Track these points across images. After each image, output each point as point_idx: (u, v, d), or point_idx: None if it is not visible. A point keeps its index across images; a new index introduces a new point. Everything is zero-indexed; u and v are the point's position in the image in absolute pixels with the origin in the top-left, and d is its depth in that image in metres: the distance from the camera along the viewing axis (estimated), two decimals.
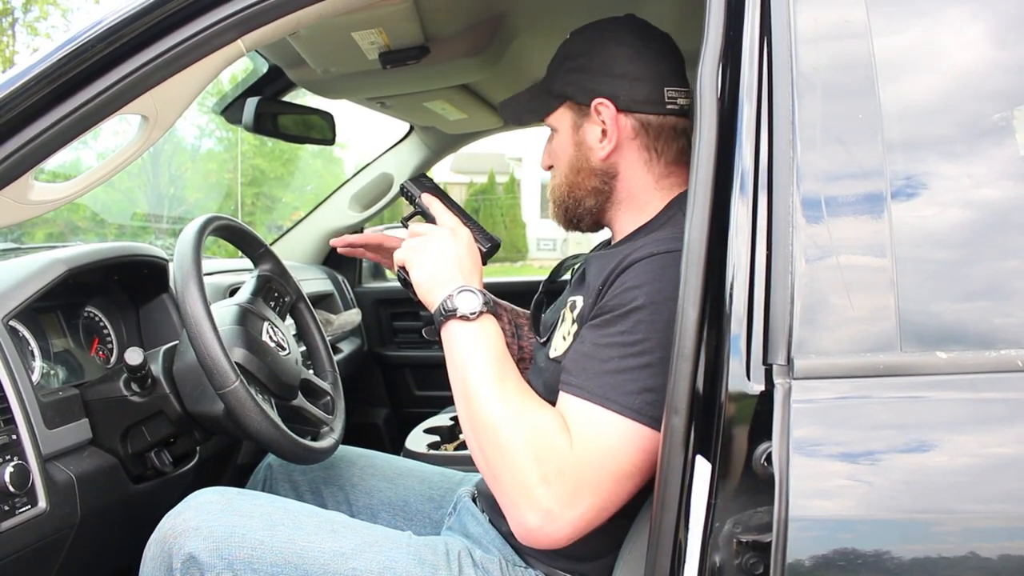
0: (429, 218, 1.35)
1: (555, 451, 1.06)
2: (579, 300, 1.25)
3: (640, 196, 1.32)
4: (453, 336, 1.17)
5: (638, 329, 1.10)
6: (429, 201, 1.35)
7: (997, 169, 0.90)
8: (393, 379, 3.15)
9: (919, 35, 0.94)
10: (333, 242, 1.60)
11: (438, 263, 1.22)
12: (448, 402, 2.71)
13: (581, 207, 1.34)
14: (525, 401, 1.12)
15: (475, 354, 1.15)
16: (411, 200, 1.40)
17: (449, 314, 1.17)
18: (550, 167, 1.38)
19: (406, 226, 1.37)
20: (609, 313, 1.13)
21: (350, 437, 1.66)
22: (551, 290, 1.50)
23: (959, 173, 0.90)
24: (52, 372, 1.54)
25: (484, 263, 1.31)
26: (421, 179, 1.42)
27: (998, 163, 0.91)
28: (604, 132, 1.28)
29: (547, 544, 1.07)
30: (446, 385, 1.20)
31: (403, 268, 1.27)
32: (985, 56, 0.93)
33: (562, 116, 1.32)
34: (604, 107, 1.27)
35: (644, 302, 1.10)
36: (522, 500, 1.06)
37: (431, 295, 1.21)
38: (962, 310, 0.87)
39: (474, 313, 1.16)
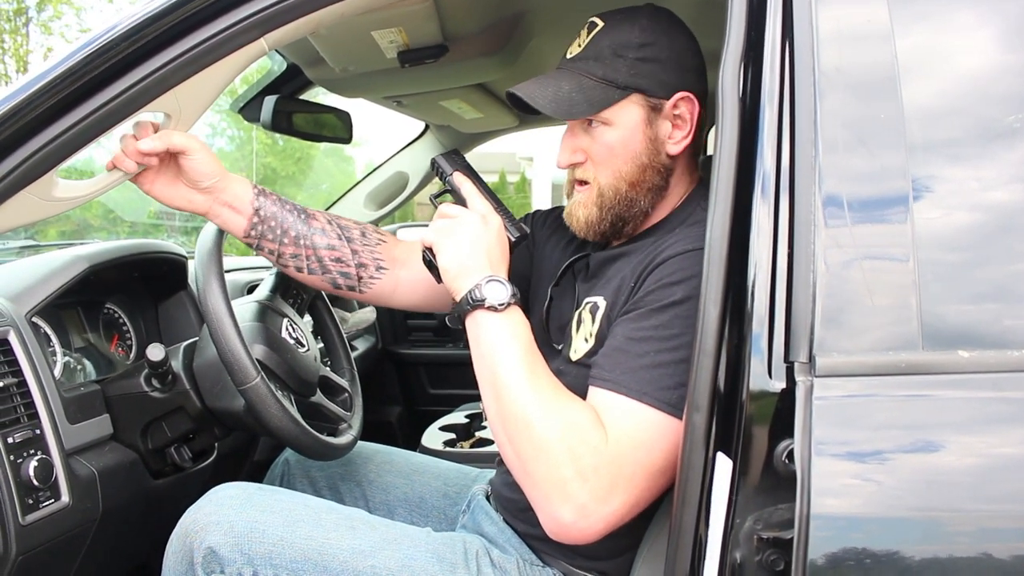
0: (459, 198, 1.30)
1: (590, 446, 1.05)
2: (600, 300, 1.24)
3: (674, 193, 1.30)
4: (480, 326, 1.15)
5: (675, 324, 1.09)
6: (460, 181, 1.31)
7: (1022, 169, 0.90)
8: (407, 377, 3.15)
9: (942, 35, 0.94)
10: None
11: (468, 250, 1.19)
12: (462, 400, 2.72)
13: (635, 208, 1.26)
14: (558, 395, 1.11)
15: (504, 346, 1.13)
16: (441, 176, 1.34)
17: (477, 304, 1.15)
18: (573, 165, 1.29)
19: (435, 204, 1.32)
20: (644, 307, 1.12)
21: (364, 435, 1.67)
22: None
23: (982, 174, 0.90)
24: (73, 368, 1.55)
25: (511, 252, 1.27)
26: (453, 156, 1.36)
27: (1023, 164, 0.91)
28: (675, 127, 1.25)
29: (579, 539, 1.06)
30: (460, 383, 1.19)
31: (429, 250, 1.23)
32: (1010, 56, 0.93)
33: (626, 109, 1.22)
34: (687, 101, 1.23)
35: (682, 297, 1.10)
36: (556, 495, 1.05)
37: (458, 282, 1.18)
38: (984, 309, 0.87)
39: (503, 304, 1.14)
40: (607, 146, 1.24)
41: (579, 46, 1.26)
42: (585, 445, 1.05)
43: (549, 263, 1.47)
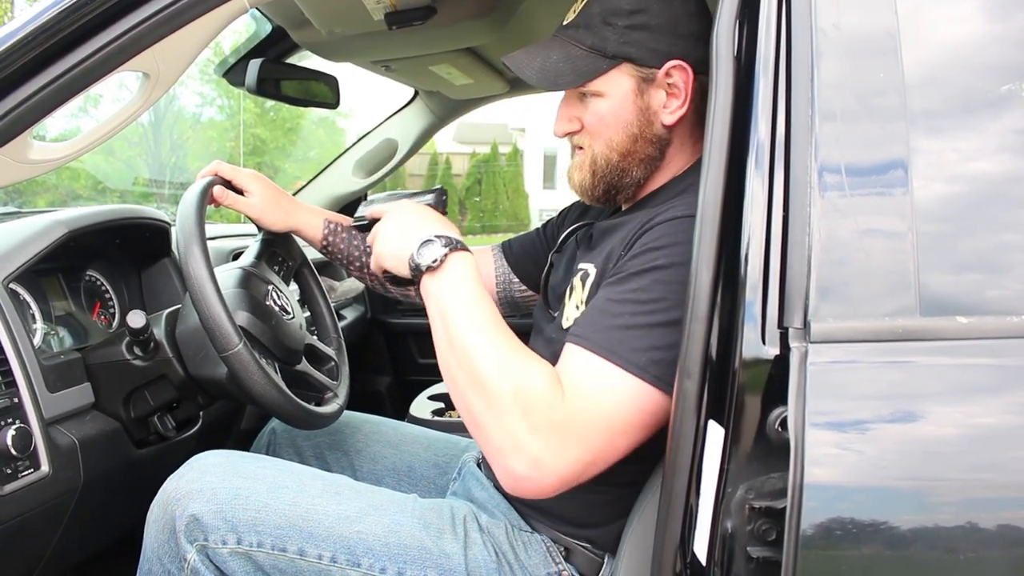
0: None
1: (544, 401, 1.02)
2: (591, 268, 1.23)
3: (674, 162, 1.27)
4: (428, 292, 1.13)
5: (654, 288, 1.06)
6: (373, 213, 1.34)
7: (1022, 135, 0.88)
8: (396, 346, 3.14)
9: None
10: None
11: (392, 237, 1.19)
12: None
13: (627, 178, 1.25)
14: (510, 350, 1.08)
15: (448, 302, 1.11)
16: (363, 229, 1.41)
17: (417, 273, 1.13)
18: (569, 134, 1.28)
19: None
20: (626, 272, 1.10)
21: (352, 405, 1.66)
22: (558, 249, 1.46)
23: (985, 140, 0.88)
24: (53, 335, 1.52)
25: (444, 213, 1.30)
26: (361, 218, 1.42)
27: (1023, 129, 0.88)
28: (670, 96, 1.21)
29: (534, 493, 1.04)
30: None
31: (381, 269, 1.24)
32: (1018, 15, 0.91)
33: (615, 79, 1.20)
34: (681, 70, 1.19)
35: (665, 263, 1.07)
36: (508, 448, 1.02)
37: (401, 265, 1.17)
38: (983, 275, 0.85)
39: (436, 260, 1.11)
40: (598, 116, 1.22)
41: (574, 12, 1.24)
42: (538, 400, 1.02)
43: (560, 235, 1.47)
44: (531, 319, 1.44)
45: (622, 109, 1.21)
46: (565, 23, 1.25)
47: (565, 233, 1.41)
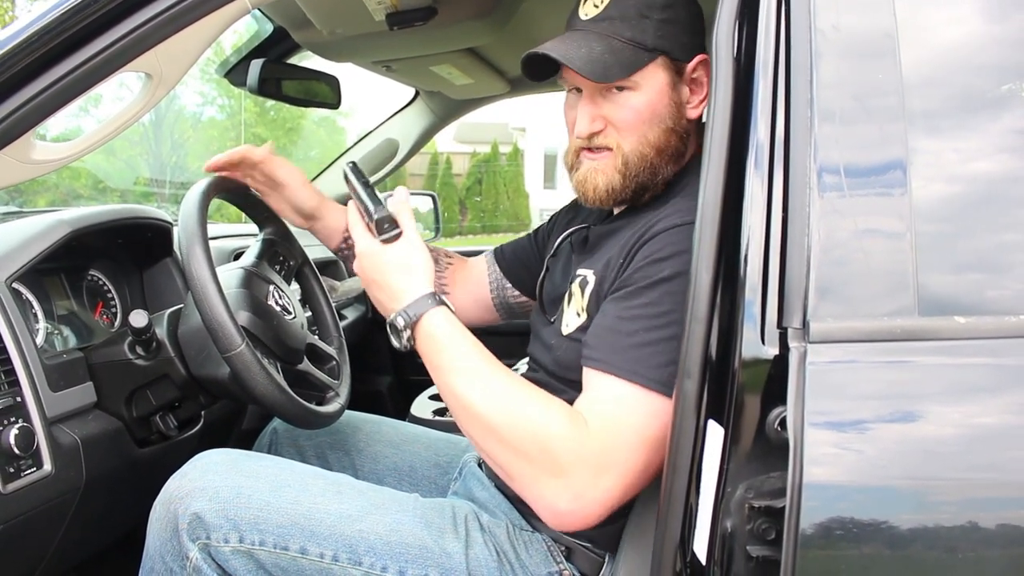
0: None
1: (568, 437, 1.04)
2: (590, 275, 1.22)
3: (683, 160, 1.27)
4: (422, 355, 1.19)
5: (664, 300, 1.07)
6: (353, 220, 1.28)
7: (1021, 135, 0.88)
8: None
9: None
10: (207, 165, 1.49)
11: (379, 302, 1.23)
12: None
13: (658, 175, 1.24)
14: (515, 394, 1.10)
15: (440, 370, 1.15)
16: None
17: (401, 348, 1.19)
18: (594, 134, 1.23)
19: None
20: (633, 285, 1.10)
21: (354, 404, 1.66)
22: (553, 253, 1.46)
23: (981, 138, 0.88)
24: (56, 335, 1.53)
25: (396, 229, 1.21)
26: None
27: (1022, 130, 0.89)
28: (692, 91, 1.23)
29: (580, 525, 1.06)
30: None
31: None
32: (1016, 16, 0.91)
33: (652, 73, 1.20)
34: (705, 65, 1.21)
35: (671, 273, 1.08)
36: (546, 489, 1.05)
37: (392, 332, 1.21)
38: (981, 276, 0.85)
39: (407, 342, 1.18)
40: (634, 111, 1.21)
41: (595, 6, 1.22)
42: (563, 438, 1.04)
43: (553, 240, 1.47)
44: (529, 320, 1.44)
45: (658, 103, 1.21)
46: (591, 16, 1.22)
47: (560, 237, 1.40)
